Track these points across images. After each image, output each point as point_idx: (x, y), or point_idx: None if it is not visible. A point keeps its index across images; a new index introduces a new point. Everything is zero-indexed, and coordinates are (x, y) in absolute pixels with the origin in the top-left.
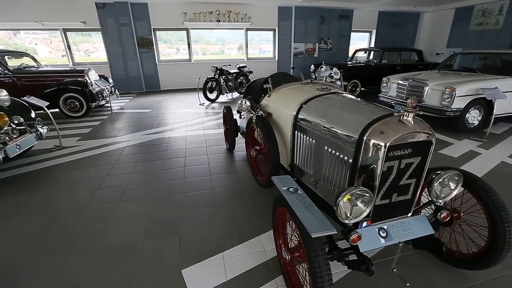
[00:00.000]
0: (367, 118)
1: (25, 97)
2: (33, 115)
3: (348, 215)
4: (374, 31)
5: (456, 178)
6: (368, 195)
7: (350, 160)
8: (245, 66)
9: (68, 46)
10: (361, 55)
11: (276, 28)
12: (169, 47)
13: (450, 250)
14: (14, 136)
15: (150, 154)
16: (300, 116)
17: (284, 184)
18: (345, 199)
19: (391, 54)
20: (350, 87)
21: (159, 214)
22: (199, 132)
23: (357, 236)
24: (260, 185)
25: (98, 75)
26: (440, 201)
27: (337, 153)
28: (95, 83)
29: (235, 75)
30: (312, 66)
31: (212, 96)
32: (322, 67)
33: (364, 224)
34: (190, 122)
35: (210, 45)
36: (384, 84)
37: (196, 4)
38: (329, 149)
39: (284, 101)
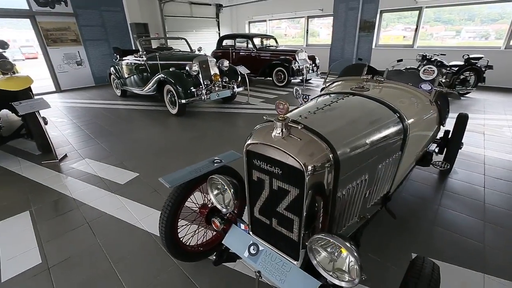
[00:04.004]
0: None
1: (237, 66)
2: (239, 78)
3: (217, 200)
4: None
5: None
6: (227, 186)
7: None
8: (480, 58)
9: (307, 30)
10: None
11: None
12: (446, 29)
13: None
14: (218, 89)
15: None
16: None
17: (222, 157)
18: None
19: None
20: None
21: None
22: None
23: (217, 223)
24: None
25: (308, 55)
26: (335, 281)
27: None
28: (299, 61)
29: (455, 69)
30: None
31: None
32: None
33: (242, 226)
34: None
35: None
36: None
37: None
38: None
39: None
